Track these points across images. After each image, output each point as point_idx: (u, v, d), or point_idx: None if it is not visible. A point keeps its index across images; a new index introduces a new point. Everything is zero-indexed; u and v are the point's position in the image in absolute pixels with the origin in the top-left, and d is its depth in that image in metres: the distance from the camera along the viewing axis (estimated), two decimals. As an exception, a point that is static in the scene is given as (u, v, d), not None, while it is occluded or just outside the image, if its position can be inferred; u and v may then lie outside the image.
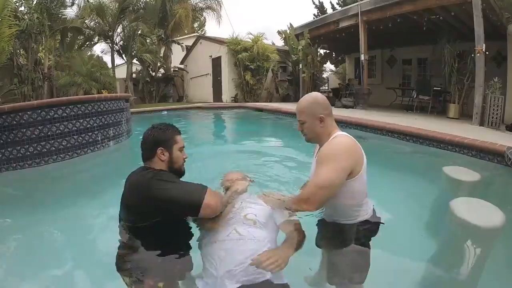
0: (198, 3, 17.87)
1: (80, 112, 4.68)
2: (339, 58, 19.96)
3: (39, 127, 4.29)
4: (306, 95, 1.81)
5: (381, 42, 12.70)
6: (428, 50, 11.07)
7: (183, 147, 1.72)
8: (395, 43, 12.91)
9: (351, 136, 1.67)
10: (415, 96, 10.07)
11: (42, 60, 12.84)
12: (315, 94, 1.79)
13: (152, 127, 1.71)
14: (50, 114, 4.36)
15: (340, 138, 1.64)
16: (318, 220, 1.83)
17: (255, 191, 2.10)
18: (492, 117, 6.75)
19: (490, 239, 1.56)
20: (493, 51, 9.26)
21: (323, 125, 1.69)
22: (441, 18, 8.31)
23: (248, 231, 1.53)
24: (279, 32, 17.28)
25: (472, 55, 7.45)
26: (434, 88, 9.56)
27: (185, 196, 1.48)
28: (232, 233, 1.53)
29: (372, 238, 1.70)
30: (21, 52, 12.32)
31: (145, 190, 1.46)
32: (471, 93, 8.09)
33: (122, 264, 1.52)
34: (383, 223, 1.71)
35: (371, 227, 1.70)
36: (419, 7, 7.88)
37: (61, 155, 4.48)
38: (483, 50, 6.90)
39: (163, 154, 1.64)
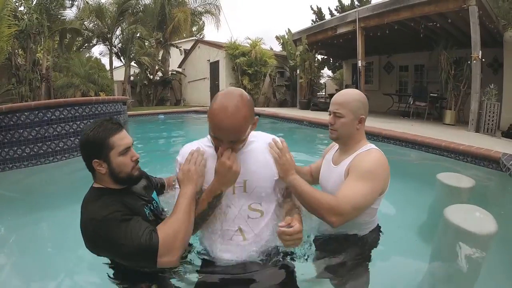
0: (197, 7, 17.97)
1: (78, 114, 4.67)
2: (337, 64, 20.10)
3: (36, 128, 4.28)
4: (349, 89, 1.65)
5: (379, 49, 12.78)
6: (425, 56, 11.14)
7: (128, 147, 1.36)
8: (392, 49, 13.01)
9: None
10: (411, 103, 10.11)
11: (40, 61, 12.84)
12: (359, 92, 1.62)
13: (82, 131, 1.35)
14: (48, 115, 4.36)
15: (378, 153, 1.52)
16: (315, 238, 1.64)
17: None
18: (488, 124, 6.80)
19: (484, 245, 1.56)
20: (490, 58, 9.38)
21: (359, 128, 1.58)
22: (438, 25, 8.38)
23: (255, 233, 1.38)
24: (277, 37, 17.47)
25: (469, 61, 7.51)
26: (431, 94, 9.63)
27: (134, 260, 1.23)
28: (236, 235, 1.38)
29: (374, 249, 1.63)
30: (20, 52, 12.32)
31: (91, 247, 1.29)
32: (467, 100, 8.16)
33: (112, 272, 1.40)
34: (382, 232, 1.70)
35: (376, 236, 1.65)
36: (416, 14, 7.94)
37: (58, 157, 4.47)
38: (480, 57, 6.97)
39: (101, 167, 1.33)
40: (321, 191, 1.46)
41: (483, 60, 7.34)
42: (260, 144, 1.46)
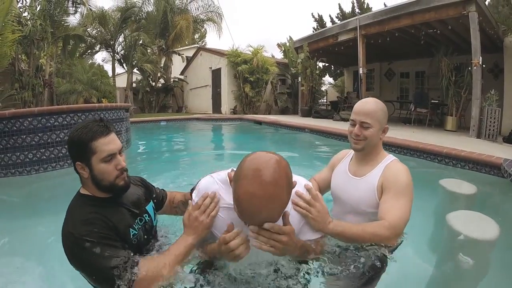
0: (199, 15, 18.12)
1: (80, 120, 4.70)
2: (338, 71, 20.19)
3: (39, 134, 4.30)
4: (371, 98, 1.59)
5: (379, 56, 12.85)
6: (425, 63, 11.20)
7: (113, 154, 1.25)
8: (393, 56, 13.07)
9: None
10: (412, 109, 10.12)
11: (44, 67, 12.91)
12: (379, 101, 1.57)
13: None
14: (50, 121, 4.38)
15: (403, 164, 1.55)
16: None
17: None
18: (489, 129, 6.79)
19: (486, 251, 1.56)
20: (490, 63, 9.42)
21: (382, 138, 1.57)
22: (438, 31, 8.42)
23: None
24: (278, 45, 17.53)
25: (469, 67, 7.54)
26: (432, 101, 9.63)
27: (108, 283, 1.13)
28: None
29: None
30: (23, 58, 12.36)
31: (68, 258, 1.20)
32: (468, 106, 8.17)
33: None
34: None
35: None
36: (417, 21, 7.99)
37: (60, 163, 4.48)
38: (480, 63, 6.99)
39: (84, 170, 1.23)
40: (368, 223, 1.41)
41: (484, 66, 7.37)
42: None
